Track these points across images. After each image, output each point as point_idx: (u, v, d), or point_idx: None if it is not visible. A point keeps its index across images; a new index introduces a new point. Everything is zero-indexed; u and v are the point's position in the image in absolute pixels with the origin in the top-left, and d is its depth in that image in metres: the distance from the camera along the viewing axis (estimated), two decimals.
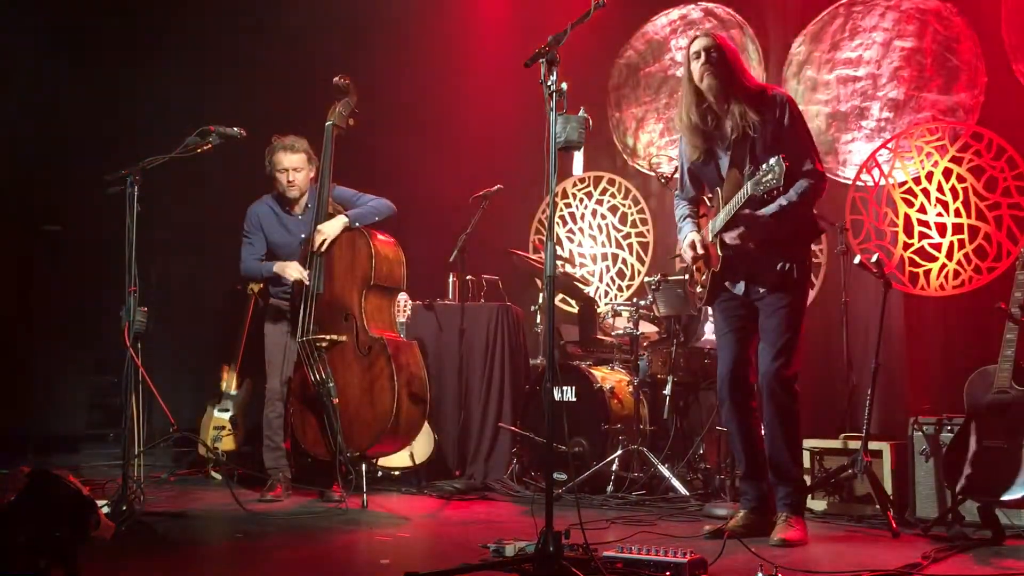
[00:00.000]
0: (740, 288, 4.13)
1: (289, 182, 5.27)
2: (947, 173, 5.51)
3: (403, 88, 7.05)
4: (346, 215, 5.16)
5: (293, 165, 5.26)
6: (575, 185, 7.07)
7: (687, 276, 4.52)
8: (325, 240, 5.10)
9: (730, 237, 4.00)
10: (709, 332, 5.54)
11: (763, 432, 4.18)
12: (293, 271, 5.13)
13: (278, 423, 5.24)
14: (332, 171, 5.18)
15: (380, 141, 6.73)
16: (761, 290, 4.08)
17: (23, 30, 6.95)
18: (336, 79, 5.23)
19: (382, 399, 4.90)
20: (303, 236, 5.24)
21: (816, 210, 4.23)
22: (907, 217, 5.61)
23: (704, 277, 4.21)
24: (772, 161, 3.71)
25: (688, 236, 4.23)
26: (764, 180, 3.75)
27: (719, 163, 4.11)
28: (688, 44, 4.10)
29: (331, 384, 4.90)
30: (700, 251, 4.17)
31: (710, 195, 4.22)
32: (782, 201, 3.95)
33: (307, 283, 5.06)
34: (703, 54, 4.01)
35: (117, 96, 7.32)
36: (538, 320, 5.93)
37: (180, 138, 4.59)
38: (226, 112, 5.29)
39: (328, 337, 4.98)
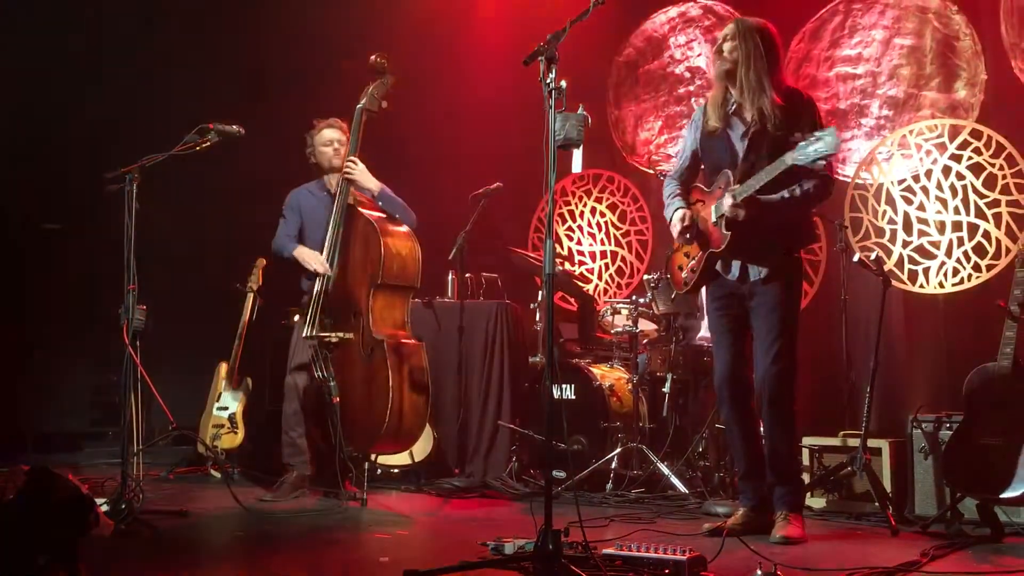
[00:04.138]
0: (735, 272, 4.11)
1: (335, 150, 5.25)
2: (946, 171, 5.51)
3: (401, 86, 7.03)
4: (381, 185, 5.15)
5: (337, 137, 5.28)
6: (574, 183, 7.07)
7: (668, 256, 4.50)
8: (352, 172, 5.06)
9: (731, 212, 3.95)
10: (704, 330, 5.55)
11: (762, 432, 4.18)
12: (315, 262, 5.09)
13: (295, 419, 5.19)
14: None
15: (379, 139, 6.72)
16: (759, 274, 4.06)
17: (23, 28, 6.95)
18: (373, 57, 5.11)
19: (378, 402, 4.85)
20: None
21: (816, 210, 4.24)
22: (906, 215, 5.61)
23: (694, 261, 4.21)
24: (825, 132, 3.69)
25: (678, 211, 4.21)
26: (811, 149, 3.69)
27: (733, 146, 4.09)
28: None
29: (332, 383, 4.87)
30: (688, 223, 4.15)
31: (711, 183, 4.21)
32: (784, 193, 3.95)
33: (329, 273, 5.02)
34: (718, 43, 4.08)
35: (117, 93, 7.32)
36: (537, 318, 5.93)
37: (180, 135, 4.59)
38: (226, 109, 5.28)
39: (336, 335, 4.92)
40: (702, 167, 4.32)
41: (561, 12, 3.56)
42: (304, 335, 5.02)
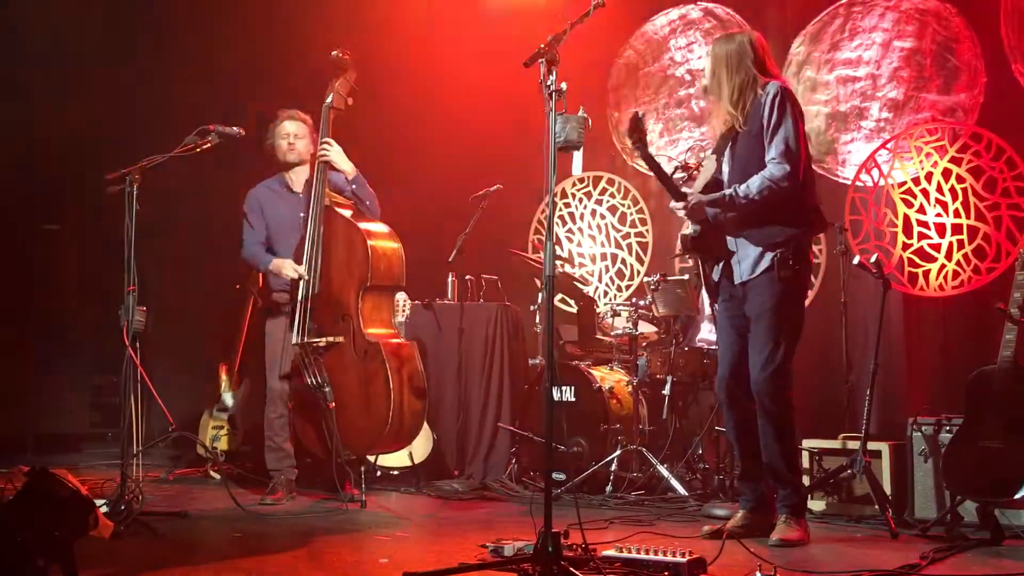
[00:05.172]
0: (716, 273, 4.18)
1: (290, 145, 5.22)
2: (946, 174, 5.51)
3: (402, 86, 7.04)
4: (355, 170, 5.12)
5: (295, 131, 5.23)
6: (574, 185, 7.07)
7: (687, 269, 4.58)
8: (328, 152, 5.03)
9: (678, 211, 4.15)
10: (704, 332, 5.54)
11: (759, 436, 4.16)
12: (289, 270, 5.08)
13: (280, 423, 5.17)
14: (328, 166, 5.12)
15: (379, 140, 6.73)
16: (740, 276, 4.08)
17: (23, 30, 6.95)
18: (334, 53, 5.09)
19: (378, 405, 4.83)
20: (302, 215, 5.14)
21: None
22: (906, 217, 5.61)
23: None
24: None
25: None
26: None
27: (723, 152, 4.23)
28: None
29: (327, 388, 4.84)
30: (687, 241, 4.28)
31: None
32: (727, 191, 4.04)
33: (305, 277, 4.99)
34: (705, 58, 4.24)
35: (117, 95, 7.32)
36: (537, 320, 5.92)
37: (180, 137, 4.59)
38: (226, 110, 5.28)
39: (325, 340, 4.90)
40: None
41: (562, 13, 3.56)
42: (293, 342, 4.99)
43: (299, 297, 5.01)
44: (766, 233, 4.03)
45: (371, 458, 5.28)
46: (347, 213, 5.07)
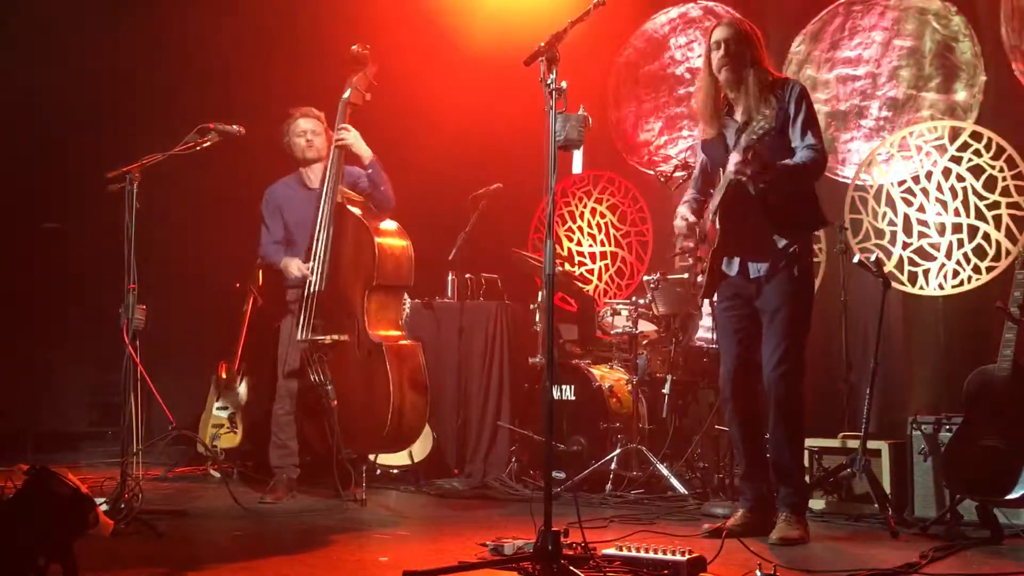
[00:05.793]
0: (734, 268, 4.12)
1: (308, 142, 5.22)
2: (946, 172, 5.51)
3: (402, 85, 7.03)
4: (372, 155, 5.11)
5: (311, 127, 5.24)
6: (574, 184, 7.07)
7: (687, 267, 4.52)
8: (346, 138, 5.02)
9: (736, 168, 3.91)
10: (704, 330, 5.54)
11: (768, 433, 4.15)
12: (294, 268, 5.09)
13: (286, 420, 5.16)
14: (344, 153, 5.08)
15: (379, 138, 6.72)
16: (758, 271, 4.06)
17: (22, 29, 6.95)
18: (354, 47, 5.09)
19: (379, 405, 4.82)
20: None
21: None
22: (906, 216, 5.62)
23: (705, 263, 4.22)
24: (765, 111, 3.82)
25: (680, 210, 4.27)
26: (757, 127, 3.79)
27: (728, 145, 4.12)
28: (710, 31, 4.17)
29: (330, 387, 4.84)
30: (691, 219, 4.20)
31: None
32: (788, 160, 3.96)
33: (308, 276, 4.98)
34: (722, 45, 4.07)
35: (118, 93, 7.32)
36: (537, 318, 5.93)
37: (180, 135, 4.59)
38: (227, 110, 5.28)
39: (330, 337, 4.89)
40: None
41: (563, 12, 3.56)
42: (298, 338, 4.99)
43: (305, 294, 5.01)
44: (789, 230, 4.02)
45: (371, 457, 5.28)
46: (358, 211, 5.05)
